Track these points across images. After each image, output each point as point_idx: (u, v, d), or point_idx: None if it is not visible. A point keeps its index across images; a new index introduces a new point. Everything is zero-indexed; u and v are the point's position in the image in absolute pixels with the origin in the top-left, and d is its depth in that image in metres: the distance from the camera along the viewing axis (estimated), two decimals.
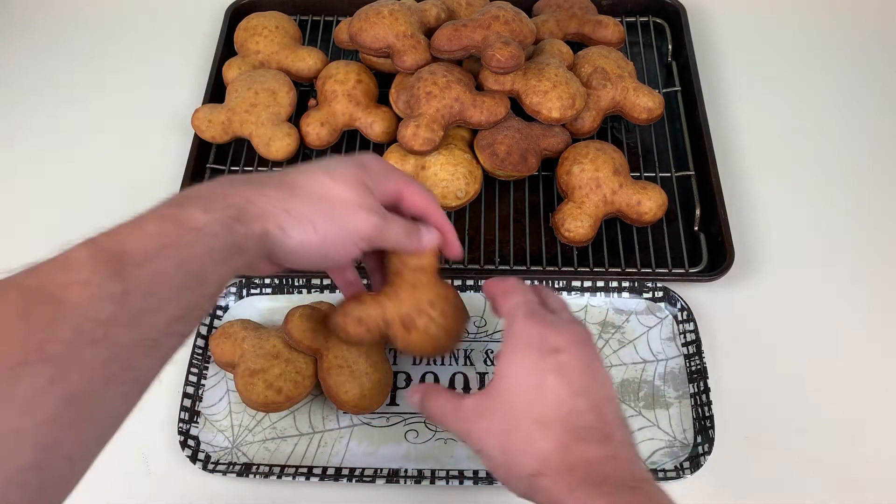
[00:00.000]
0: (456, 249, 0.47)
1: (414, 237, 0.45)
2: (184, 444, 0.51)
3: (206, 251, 0.34)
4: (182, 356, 0.55)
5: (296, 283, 0.58)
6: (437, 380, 0.55)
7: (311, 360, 0.52)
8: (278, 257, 0.39)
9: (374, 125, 0.64)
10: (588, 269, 0.59)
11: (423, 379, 0.55)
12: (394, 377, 0.55)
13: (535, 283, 0.58)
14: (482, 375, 0.55)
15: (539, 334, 0.41)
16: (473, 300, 0.58)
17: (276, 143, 0.63)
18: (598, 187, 0.59)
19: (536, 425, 0.38)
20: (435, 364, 0.55)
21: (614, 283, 0.58)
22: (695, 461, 0.50)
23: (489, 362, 0.56)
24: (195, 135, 0.65)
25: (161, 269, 0.32)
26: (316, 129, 0.64)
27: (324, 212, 0.40)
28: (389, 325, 0.47)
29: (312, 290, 0.59)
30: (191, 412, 0.53)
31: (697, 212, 0.62)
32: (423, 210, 0.45)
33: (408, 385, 0.55)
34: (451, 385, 0.55)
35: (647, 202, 0.59)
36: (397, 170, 0.46)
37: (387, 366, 0.53)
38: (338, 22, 0.73)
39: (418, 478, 0.50)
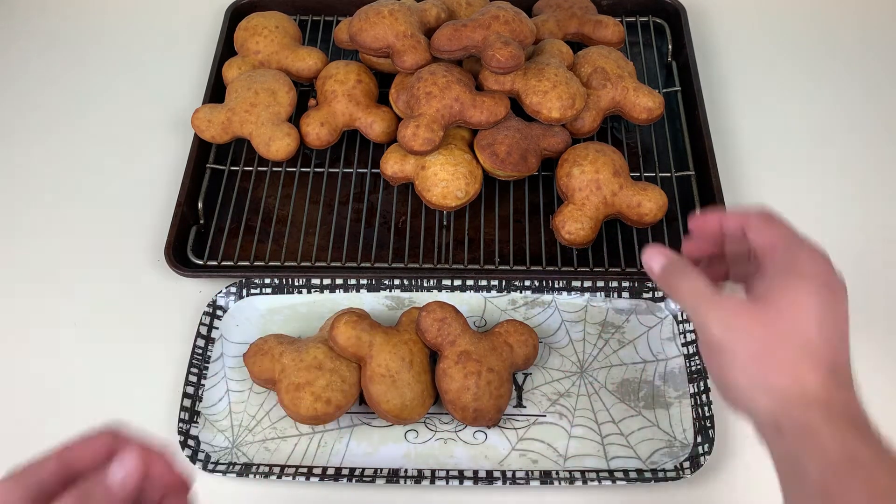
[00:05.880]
0: None
1: None
2: (184, 444, 0.51)
3: None
4: (182, 356, 0.55)
5: (296, 284, 0.58)
6: None
7: (354, 367, 0.52)
8: None
9: (374, 125, 0.64)
10: (588, 269, 0.59)
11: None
12: None
13: (536, 283, 0.59)
14: None
15: (826, 272, 0.41)
16: (473, 300, 0.58)
17: (276, 142, 0.63)
18: (598, 189, 0.59)
19: (805, 354, 0.38)
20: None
21: (614, 283, 0.58)
22: (695, 461, 0.50)
23: None
24: (195, 135, 0.65)
25: None
26: (316, 129, 0.64)
27: None
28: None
29: (312, 291, 0.59)
30: (191, 412, 0.53)
31: (697, 212, 0.62)
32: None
33: None
34: None
35: (648, 203, 0.59)
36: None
37: (429, 377, 0.52)
38: (338, 22, 0.73)
39: (418, 478, 0.50)
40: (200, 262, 0.60)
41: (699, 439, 0.51)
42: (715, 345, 0.41)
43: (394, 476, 0.50)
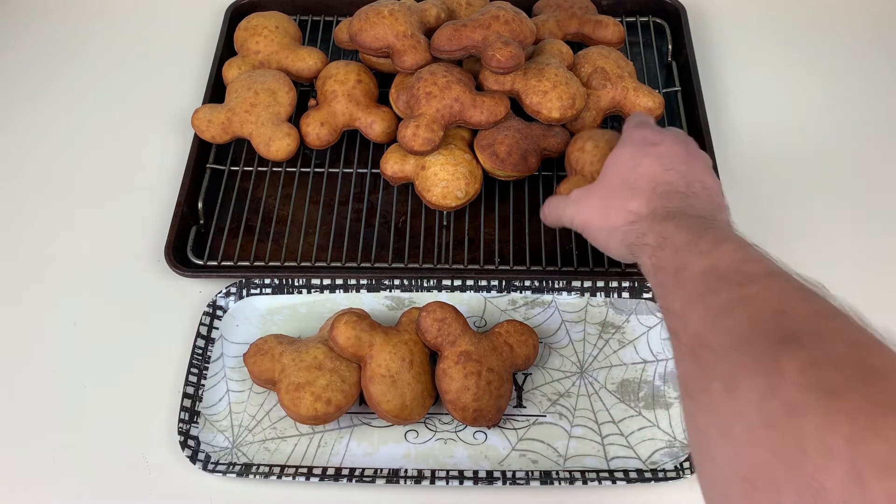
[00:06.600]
0: None
1: None
2: (184, 445, 0.51)
3: None
4: (182, 356, 0.56)
5: (296, 284, 0.58)
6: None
7: (354, 367, 0.52)
8: None
9: (374, 125, 0.64)
10: (588, 269, 0.59)
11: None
12: None
13: (536, 283, 0.59)
14: None
15: (641, 135, 0.50)
16: (473, 300, 0.58)
17: (276, 143, 0.63)
18: None
19: (629, 191, 0.47)
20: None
21: (614, 283, 0.58)
22: None
23: None
24: (195, 135, 0.65)
25: None
26: (316, 129, 0.64)
27: None
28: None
29: (312, 291, 0.59)
30: (191, 412, 0.53)
31: None
32: None
33: None
34: None
35: None
36: None
37: (429, 377, 0.52)
38: (338, 22, 0.73)
39: (418, 478, 0.50)
40: (200, 263, 0.60)
41: None
42: (580, 228, 0.51)
43: (394, 476, 0.50)
